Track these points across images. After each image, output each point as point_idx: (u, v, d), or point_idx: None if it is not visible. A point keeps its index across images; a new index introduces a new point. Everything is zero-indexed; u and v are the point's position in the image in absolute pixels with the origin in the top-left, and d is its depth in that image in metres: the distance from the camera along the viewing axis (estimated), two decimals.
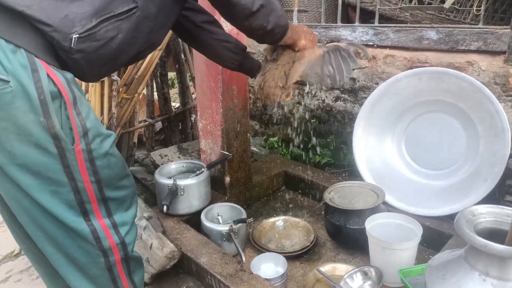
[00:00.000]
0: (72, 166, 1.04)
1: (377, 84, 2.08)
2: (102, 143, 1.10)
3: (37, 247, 1.18)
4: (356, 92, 2.25)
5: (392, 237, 1.54)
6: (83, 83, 2.05)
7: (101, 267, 1.17)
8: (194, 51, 1.98)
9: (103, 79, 1.95)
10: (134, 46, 1.13)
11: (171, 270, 1.64)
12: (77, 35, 0.99)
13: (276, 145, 2.72)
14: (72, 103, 1.01)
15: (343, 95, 2.32)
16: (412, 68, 1.92)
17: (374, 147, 2.07)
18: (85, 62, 1.05)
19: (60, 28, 0.97)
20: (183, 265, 1.68)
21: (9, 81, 0.91)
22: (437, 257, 1.16)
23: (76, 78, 1.07)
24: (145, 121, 2.64)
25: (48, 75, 0.96)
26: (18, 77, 0.92)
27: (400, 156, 2.06)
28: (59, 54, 1.00)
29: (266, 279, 1.46)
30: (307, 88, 2.49)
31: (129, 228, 1.20)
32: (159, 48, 2.14)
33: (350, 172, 2.30)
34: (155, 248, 1.59)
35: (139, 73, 2.09)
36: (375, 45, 2.13)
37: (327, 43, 1.60)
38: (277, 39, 1.34)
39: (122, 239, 1.17)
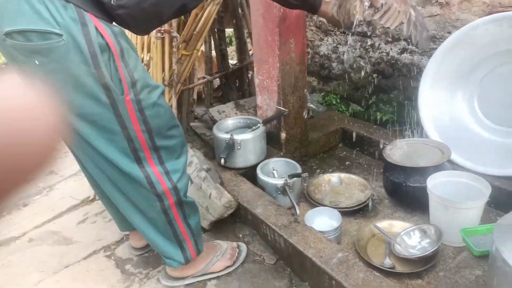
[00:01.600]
0: (124, 115, 1.10)
1: (450, 33, 1.89)
2: (150, 93, 1.15)
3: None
4: None
5: (456, 197, 1.45)
6: (145, 40, 2.12)
7: (157, 210, 1.26)
8: (251, 4, 1.94)
9: (163, 35, 1.99)
10: None
11: (228, 219, 1.71)
12: None
13: (334, 102, 2.64)
14: (119, 55, 1.06)
15: (410, 47, 2.15)
16: (492, 14, 1.72)
17: (442, 102, 1.93)
18: (129, 16, 1.07)
19: None
20: (239, 215, 1.74)
21: (62, 35, 0.96)
22: (508, 216, 1.08)
23: (126, 30, 1.11)
24: (204, 78, 2.69)
25: (96, 28, 1.00)
26: (69, 31, 0.97)
27: (471, 112, 1.90)
28: (106, 9, 1.04)
29: (320, 231, 1.47)
30: (369, 41, 2.34)
31: (180, 175, 1.27)
32: (216, 2, 2.12)
33: (414, 129, 2.17)
34: (214, 198, 1.66)
35: (197, 29, 2.10)
36: None
37: None
38: None
39: (175, 185, 1.24)
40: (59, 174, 2.41)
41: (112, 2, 1.01)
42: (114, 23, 1.07)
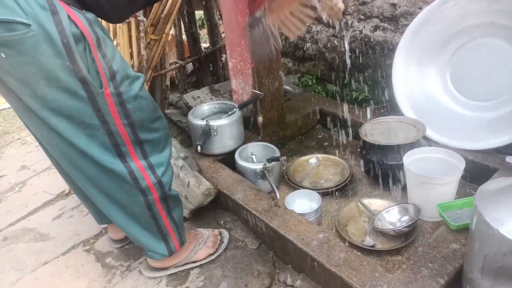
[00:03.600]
0: (103, 109, 1.04)
1: (421, 9, 1.90)
2: (131, 85, 1.09)
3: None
4: (397, 19, 2.07)
5: (432, 173, 1.48)
6: (110, 26, 2.03)
7: (141, 206, 1.22)
8: None
9: (129, 19, 1.91)
10: None
11: (209, 206, 1.70)
12: None
13: (310, 83, 2.63)
14: (96, 45, 0.99)
15: (382, 24, 2.15)
16: None
17: (415, 79, 1.94)
18: (103, 2, 1.01)
19: None
20: (220, 202, 1.73)
21: (30, 25, 0.88)
22: (490, 182, 1.09)
23: (99, 19, 1.04)
24: (176, 63, 2.61)
25: (69, 16, 0.93)
26: (38, 20, 0.89)
27: (444, 87, 1.92)
28: None
29: (300, 213, 1.48)
30: (343, 19, 2.32)
31: (165, 168, 1.22)
32: None
33: (390, 107, 2.19)
34: (192, 186, 1.64)
35: (165, 11, 2.03)
36: None
37: None
38: None
39: (159, 179, 1.20)
40: (31, 169, 2.33)
41: None
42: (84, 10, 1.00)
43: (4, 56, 0.92)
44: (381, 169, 1.67)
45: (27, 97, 1.00)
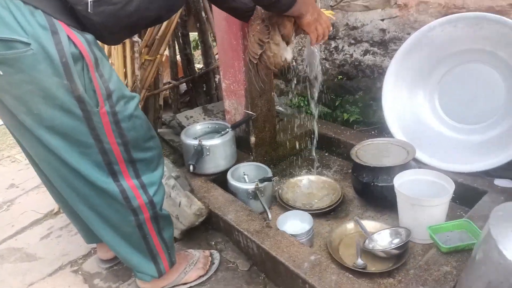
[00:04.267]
0: (98, 128, 1.05)
1: (409, 34, 1.95)
2: (126, 105, 1.10)
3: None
4: (386, 44, 2.13)
5: (422, 195, 1.49)
6: (106, 46, 2.05)
7: (131, 225, 1.21)
8: (214, 8, 1.92)
9: (124, 41, 1.94)
10: (153, 9, 1.10)
11: (200, 227, 1.68)
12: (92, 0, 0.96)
13: (302, 104, 2.66)
14: (94, 65, 1.01)
15: (372, 48, 2.20)
16: (447, 15, 1.78)
17: (405, 102, 1.98)
18: (103, 26, 1.03)
19: None
20: (211, 222, 1.72)
21: (30, 44, 0.90)
22: (502, 207, 1.01)
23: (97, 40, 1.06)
24: (170, 83, 2.64)
25: (68, 36, 0.95)
26: (38, 39, 0.91)
27: (433, 111, 1.96)
28: (78, 16, 0.99)
29: (292, 235, 1.47)
30: (333, 43, 2.38)
31: (157, 188, 1.22)
32: None
33: (380, 129, 2.23)
34: (184, 206, 1.63)
35: (160, 33, 2.06)
36: None
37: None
38: (283, 10, 1.27)
39: (151, 199, 1.20)
40: (20, 187, 2.30)
41: (89, 10, 0.96)
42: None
43: (2, 73, 0.93)
44: (372, 190, 1.69)
45: (23, 114, 1.00)
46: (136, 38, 1.95)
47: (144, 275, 1.34)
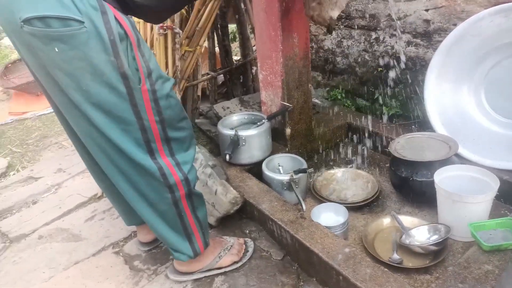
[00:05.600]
0: (139, 105, 1.11)
1: (455, 25, 1.87)
2: (164, 84, 1.16)
3: (114, 185, 1.30)
4: (430, 36, 2.05)
5: (464, 191, 1.44)
6: (148, 36, 2.12)
7: (168, 203, 1.26)
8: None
9: (165, 32, 1.99)
10: None
11: (235, 215, 1.72)
12: None
13: (339, 97, 2.63)
14: (137, 44, 1.07)
15: (415, 40, 2.13)
16: (497, 5, 1.69)
17: (448, 96, 1.91)
18: (148, 6, 1.09)
19: None
20: (246, 211, 1.74)
21: (83, 22, 0.97)
22: None
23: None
24: (208, 74, 2.68)
25: (115, 17, 1.01)
26: (90, 18, 0.97)
27: (478, 105, 1.88)
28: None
29: (326, 227, 1.47)
30: (374, 34, 2.32)
31: (190, 166, 1.28)
32: None
33: (420, 123, 2.16)
34: (220, 194, 1.66)
35: (200, 25, 2.10)
36: None
37: None
38: None
39: (186, 176, 1.25)
40: (66, 172, 2.43)
41: None
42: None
43: (57, 50, 0.99)
44: (411, 185, 1.65)
45: (72, 90, 1.06)
46: (177, 29, 2.00)
47: (180, 254, 1.38)
